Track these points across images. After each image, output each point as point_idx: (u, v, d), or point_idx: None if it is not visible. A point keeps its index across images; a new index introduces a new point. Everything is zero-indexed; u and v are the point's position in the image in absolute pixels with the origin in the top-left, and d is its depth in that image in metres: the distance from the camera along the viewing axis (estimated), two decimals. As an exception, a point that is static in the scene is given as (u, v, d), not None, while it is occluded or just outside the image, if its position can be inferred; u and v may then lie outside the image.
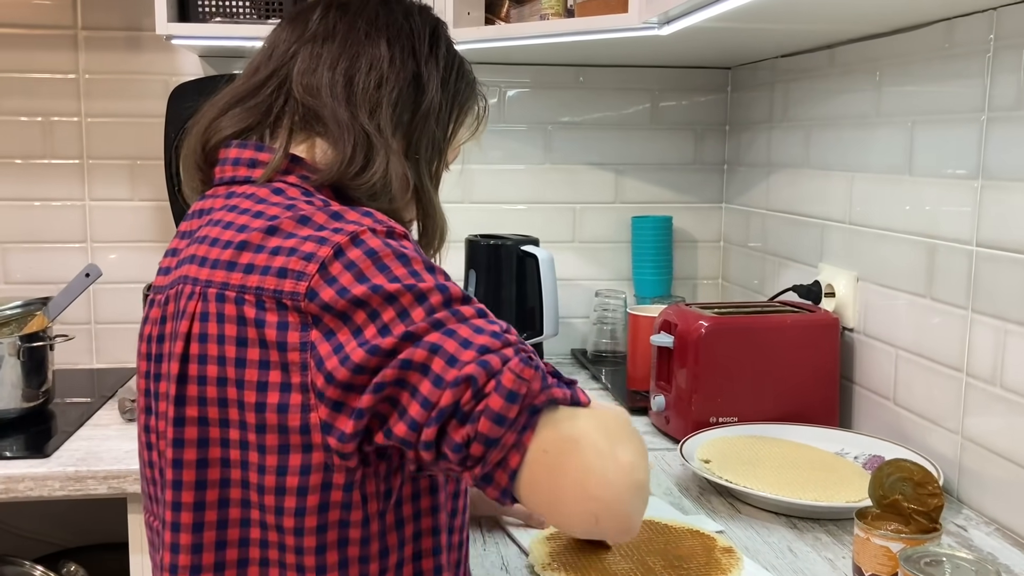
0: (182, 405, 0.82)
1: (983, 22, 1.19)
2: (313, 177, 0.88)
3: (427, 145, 0.94)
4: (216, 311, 0.80)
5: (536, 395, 0.71)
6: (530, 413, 0.70)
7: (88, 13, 1.88)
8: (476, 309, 0.76)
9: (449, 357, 0.71)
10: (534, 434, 0.70)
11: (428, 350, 0.72)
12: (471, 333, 0.73)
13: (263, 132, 0.91)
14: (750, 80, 1.97)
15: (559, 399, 0.72)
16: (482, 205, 2.04)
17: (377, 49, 0.92)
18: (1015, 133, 1.14)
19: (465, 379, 0.70)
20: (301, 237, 0.79)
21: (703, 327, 1.42)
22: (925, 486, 0.98)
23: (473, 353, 0.71)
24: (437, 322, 0.73)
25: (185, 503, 0.82)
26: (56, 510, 1.89)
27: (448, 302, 0.75)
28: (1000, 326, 1.16)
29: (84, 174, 1.93)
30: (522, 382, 0.70)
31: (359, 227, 0.79)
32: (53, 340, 1.60)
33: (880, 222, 1.44)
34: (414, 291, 0.75)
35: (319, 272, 0.76)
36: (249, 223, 0.82)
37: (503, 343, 0.72)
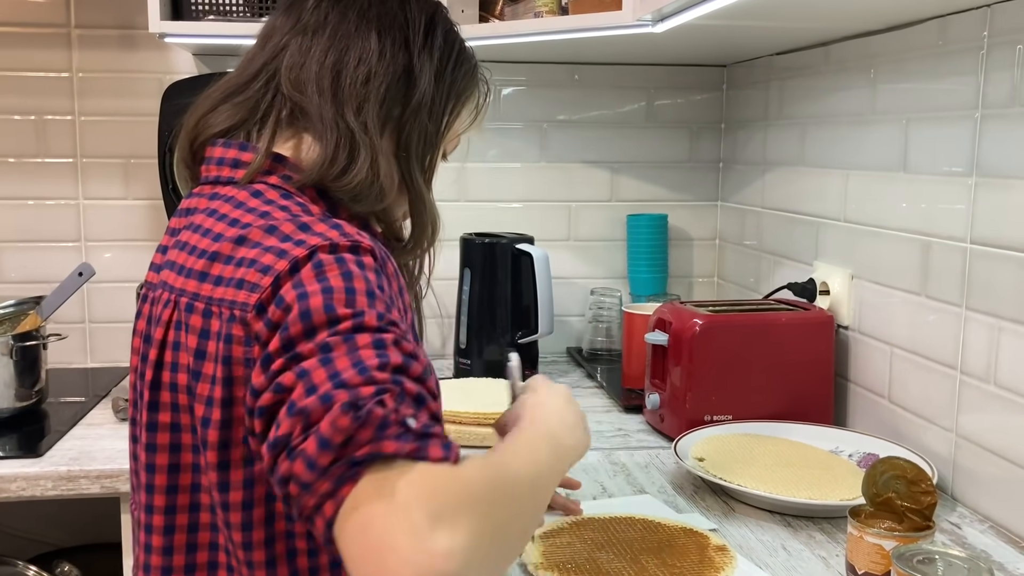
0: (155, 411, 0.83)
1: (977, 19, 1.19)
2: (295, 177, 0.87)
3: (419, 139, 0.92)
4: (185, 321, 0.81)
5: (360, 446, 0.62)
6: (350, 464, 0.62)
7: (81, 11, 1.88)
8: (375, 339, 0.69)
9: (310, 386, 0.66)
10: (353, 486, 0.62)
11: (297, 375, 0.67)
12: (346, 364, 0.67)
13: (250, 129, 0.90)
14: (745, 78, 1.96)
15: (389, 453, 0.63)
16: (477, 203, 2.04)
17: (367, 42, 0.90)
18: (1009, 130, 1.14)
19: (300, 411, 0.65)
20: (264, 248, 0.78)
21: (697, 325, 1.42)
22: (918, 484, 0.98)
23: (328, 385, 0.65)
24: (325, 346, 0.69)
25: (156, 506, 0.83)
26: (49, 510, 1.89)
27: (354, 329, 0.70)
28: (994, 323, 1.16)
29: (78, 173, 1.92)
30: (337, 431, 0.63)
31: (322, 241, 0.76)
32: (46, 339, 1.59)
33: (875, 220, 1.44)
34: (330, 314, 0.71)
35: (272, 286, 0.74)
36: (224, 231, 0.82)
37: (365, 380, 0.66)
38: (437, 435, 0.66)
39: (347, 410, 0.63)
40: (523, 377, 1.02)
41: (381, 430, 0.63)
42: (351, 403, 0.63)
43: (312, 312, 0.71)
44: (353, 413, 0.63)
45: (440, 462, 0.64)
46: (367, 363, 0.67)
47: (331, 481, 0.62)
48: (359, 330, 0.70)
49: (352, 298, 0.72)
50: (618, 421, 1.59)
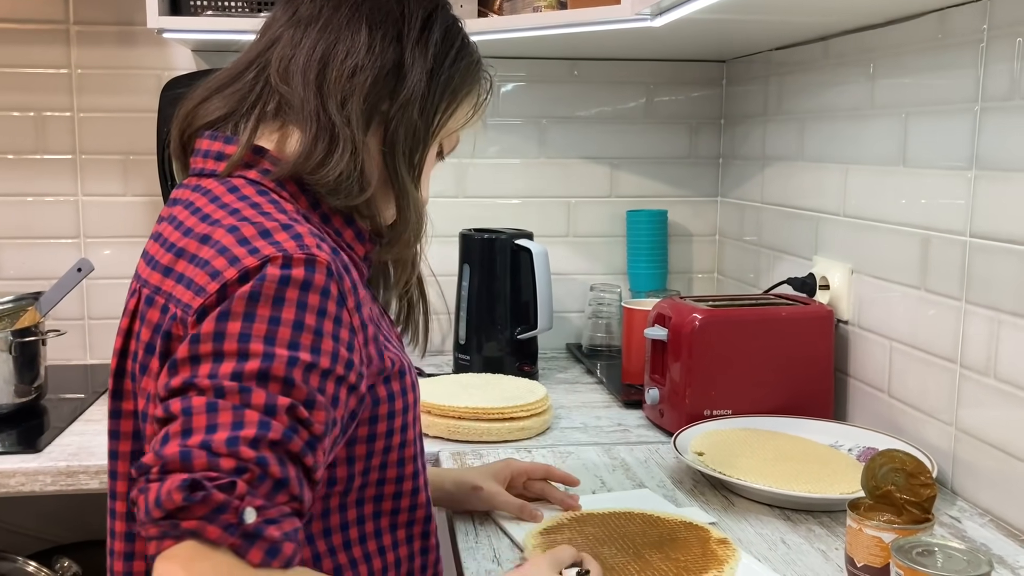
0: (118, 399, 0.85)
1: (976, 12, 1.19)
2: (274, 171, 0.86)
3: (406, 135, 0.90)
4: (143, 313, 0.82)
5: (190, 518, 0.64)
6: (173, 527, 0.65)
7: (80, 8, 1.87)
8: (268, 401, 0.69)
9: (187, 429, 0.68)
10: (174, 544, 0.65)
11: (181, 410, 0.69)
12: (226, 422, 0.68)
13: (238, 121, 0.90)
14: (744, 73, 1.96)
15: (211, 539, 0.64)
16: (476, 199, 2.03)
17: (357, 35, 0.89)
18: (1008, 123, 1.14)
19: (162, 455, 0.66)
20: (219, 250, 0.77)
21: (696, 320, 1.42)
22: (917, 476, 0.98)
23: (198, 440, 0.67)
24: (219, 389, 0.69)
25: (119, 492, 0.86)
26: (49, 506, 1.89)
27: (259, 376, 0.70)
28: (994, 317, 1.16)
29: (77, 169, 1.92)
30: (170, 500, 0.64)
31: (275, 252, 0.75)
32: (45, 335, 1.59)
33: (874, 214, 1.44)
34: (241, 346, 0.71)
35: (217, 292, 0.74)
36: (194, 226, 0.82)
37: (229, 452, 0.66)
38: (269, 538, 0.66)
39: (182, 489, 0.64)
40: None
41: (215, 513, 0.64)
42: (192, 483, 0.64)
43: (225, 336, 0.71)
44: (187, 494, 0.64)
45: (256, 567, 0.65)
46: (244, 432, 0.67)
47: (159, 529, 0.65)
48: (260, 379, 0.70)
49: (273, 332, 0.72)
50: (618, 416, 1.58)
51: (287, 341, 0.72)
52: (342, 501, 0.87)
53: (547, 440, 1.46)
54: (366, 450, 0.87)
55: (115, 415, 0.85)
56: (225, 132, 0.90)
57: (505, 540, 1.09)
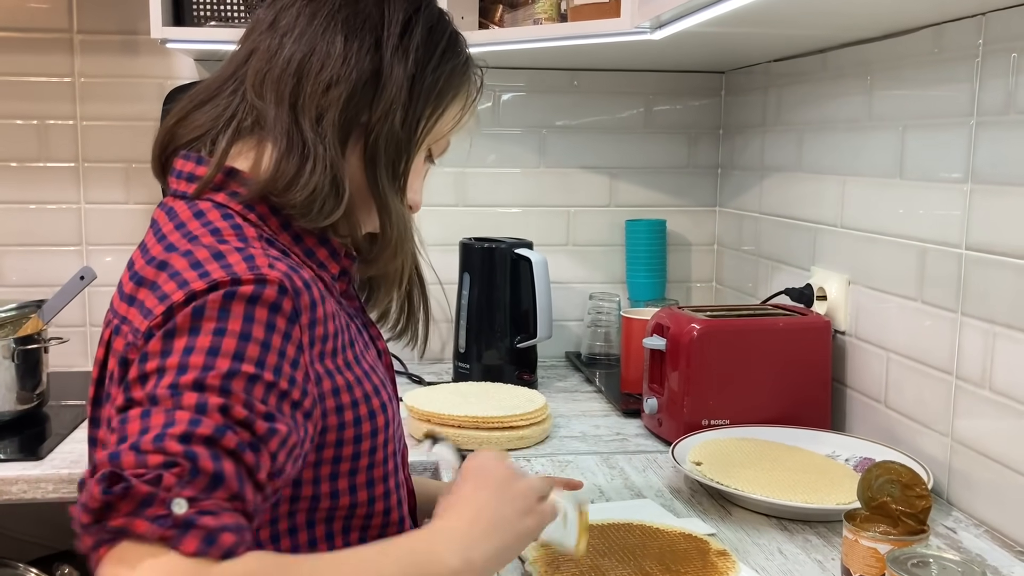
0: (96, 427, 0.85)
1: (972, 27, 1.20)
2: (242, 192, 0.84)
3: (387, 145, 0.87)
4: (111, 342, 0.81)
5: (117, 517, 0.62)
6: (103, 530, 0.62)
7: (83, 17, 1.89)
8: (200, 401, 0.67)
9: (122, 436, 0.67)
10: (109, 549, 0.62)
11: (120, 420, 0.68)
12: (158, 423, 0.66)
13: (215, 137, 0.88)
14: (743, 84, 1.97)
15: (139, 534, 0.62)
16: (476, 208, 2.04)
17: (332, 45, 0.85)
18: (1003, 137, 1.15)
19: (95, 462, 0.66)
20: (170, 274, 0.76)
21: (695, 330, 1.43)
22: (913, 488, 0.98)
23: (128, 443, 0.66)
24: (153, 398, 0.68)
25: None
26: (49, 512, 1.88)
27: (195, 385, 0.68)
28: (989, 329, 1.17)
29: (79, 177, 1.93)
30: (92, 499, 0.62)
31: (224, 276, 0.74)
32: (47, 343, 1.60)
33: (871, 225, 1.45)
34: (182, 360, 0.70)
35: (163, 315, 0.73)
36: (157, 255, 0.81)
37: (156, 448, 0.64)
38: (204, 527, 0.62)
39: (100, 482, 0.62)
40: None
41: (141, 507, 0.62)
42: (110, 475, 0.63)
43: (169, 354, 0.70)
44: (104, 486, 0.62)
45: (193, 556, 0.62)
46: (172, 429, 0.66)
47: (92, 537, 0.63)
48: (197, 387, 0.69)
49: (217, 343, 0.70)
50: (616, 425, 1.59)
51: (231, 352, 0.70)
52: (309, 518, 0.84)
53: (546, 449, 1.46)
54: (330, 471, 0.84)
55: (92, 443, 0.86)
56: (199, 151, 0.88)
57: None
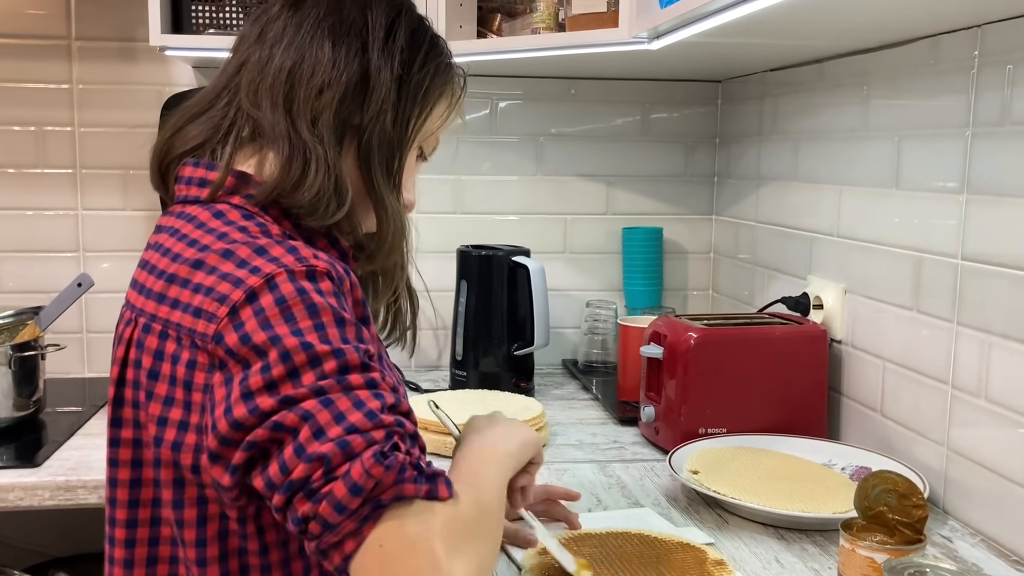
0: (117, 427, 0.85)
1: (968, 39, 1.21)
2: (255, 195, 0.87)
3: (380, 144, 0.90)
4: (142, 340, 0.82)
5: (385, 489, 0.69)
6: (374, 506, 0.69)
7: (82, 24, 1.89)
8: (367, 379, 0.74)
9: (317, 429, 0.70)
10: (375, 525, 0.69)
11: (300, 416, 0.71)
12: (348, 407, 0.72)
13: (214, 147, 0.90)
14: (740, 93, 1.98)
15: (409, 496, 0.70)
16: (474, 215, 2.05)
17: (321, 52, 0.88)
18: (999, 148, 1.15)
19: (319, 457, 0.69)
20: (220, 275, 0.78)
21: (692, 338, 1.43)
22: (910, 497, 0.99)
23: (339, 430, 0.70)
24: (319, 389, 0.72)
25: (119, 519, 0.85)
26: (46, 519, 1.89)
27: (342, 368, 0.74)
28: (985, 339, 1.18)
29: (77, 183, 1.93)
30: (370, 478, 0.68)
31: (276, 268, 0.77)
32: (44, 349, 1.60)
33: (868, 235, 1.45)
34: (310, 352, 0.73)
35: (228, 316, 0.76)
36: (182, 251, 0.83)
37: (375, 424, 0.71)
38: (440, 474, 0.73)
39: (379, 460, 0.69)
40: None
41: (401, 473, 0.70)
42: (380, 454, 0.69)
43: (291, 352, 0.73)
44: (385, 463, 0.69)
45: (447, 498, 0.72)
46: (369, 405, 0.72)
47: (356, 521, 0.69)
48: (346, 370, 0.74)
49: (325, 334, 0.75)
50: (613, 433, 1.60)
51: (340, 337, 0.76)
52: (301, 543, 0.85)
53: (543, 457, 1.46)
54: None
55: (114, 443, 0.86)
56: (206, 159, 0.90)
57: (503, 558, 1.10)
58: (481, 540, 0.74)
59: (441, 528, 0.70)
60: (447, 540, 0.70)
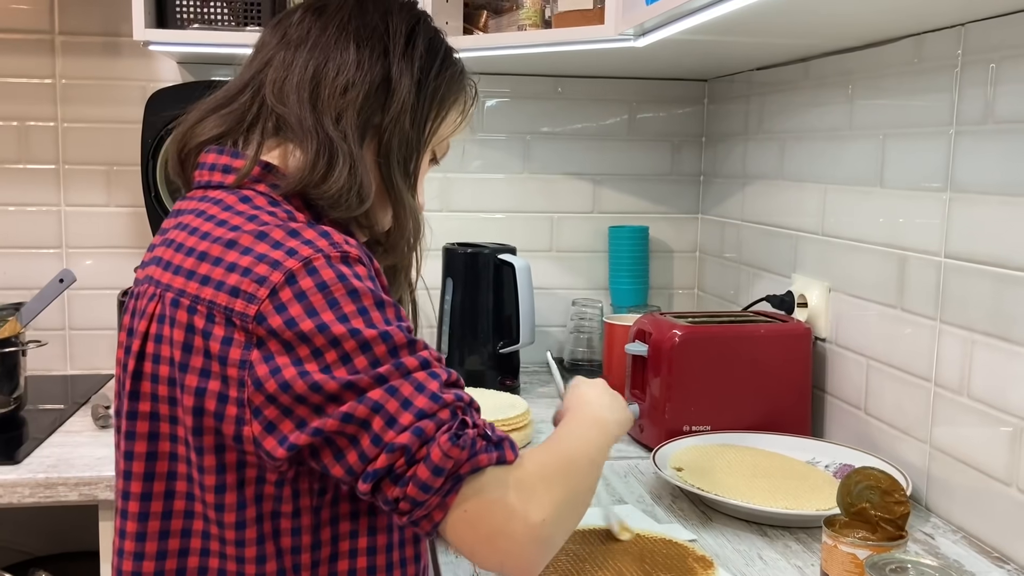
0: (135, 400, 0.86)
1: (951, 38, 1.22)
2: (281, 185, 0.89)
3: (399, 145, 0.94)
4: (170, 315, 0.84)
5: (462, 464, 0.76)
6: (455, 481, 0.76)
7: (65, 18, 1.88)
8: (420, 359, 0.79)
9: (389, 418, 0.76)
10: (457, 496, 0.76)
11: (370, 408, 0.76)
12: (412, 392, 0.77)
13: (237, 138, 0.93)
14: (726, 92, 1.99)
15: (484, 466, 0.77)
16: (460, 213, 2.05)
17: (346, 53, 0.92)
18: (982, 147, 1.16)
19: (400, 447, 0.75)
20: (256, 256, 0.81)
21: (676, 336, 1.43)
22: (892, 494, 0.99)
23: (411, 417, 0.76)
24: (380, 377, 0.77)
25: (133, 493, 0.86)
26: (25, 517, 1.87)
27: (392, 351, 0.78)
28: (967, 336, 1.18)
29: (60, 179, 1.92)
30: (448, 459, 0.75)
31: (313, 252, 0.80)
32: (26, 346, 1.58)
33: (852, 233, 1.46)
34: (358, 338, 0.77)
35: (269, 297, 0.78)
36: (212, 231, 0.85)
37: (440, 405, 0.77)
38: (505, 438, 0.80)
39: (455, 442, 0.75)
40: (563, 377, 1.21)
41: (474, 447, 0.77)
42: (455, 434, 0.76)
43: (340, 339, 0.77)
44: (460, 443, 0.76)
45: (513, 461, 0.80)
46: (429, 387, 0.78)
47: (440, 495, 0.76)
48: (396, 352, 0.79)
49: (369, 318, 0.79)
50: (598, 431, 1.59)
51: (382, 319, 0.80)
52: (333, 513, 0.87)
53: (528, 455, 1.46)
54: None
55: (131, 416, 0.86)
56: (229, 147, 0.93)
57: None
58: (560, 489, 0.81)
59: (514, 483, 0.78)
60: (522, 493, 0.78)
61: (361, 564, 0.88)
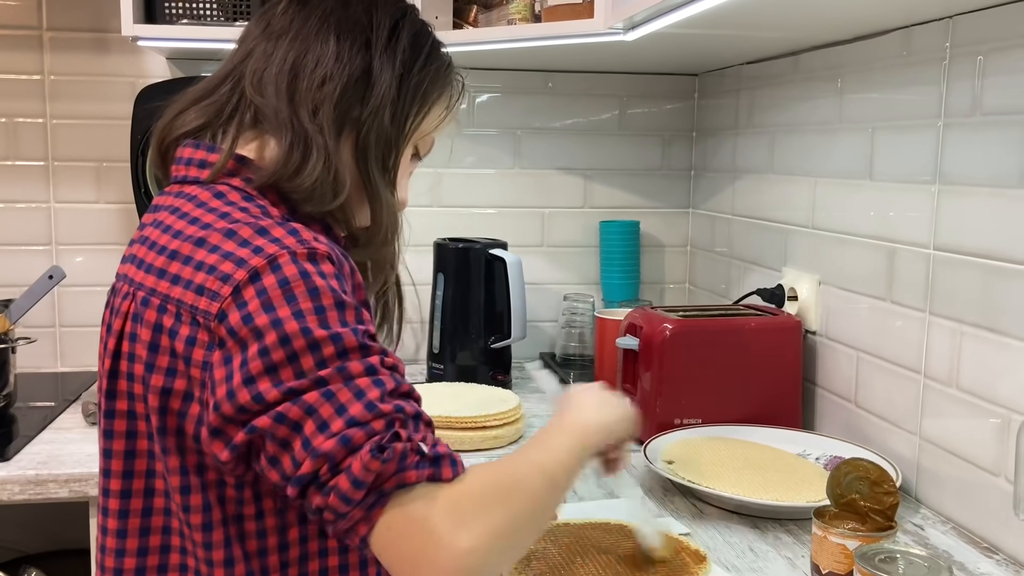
0: (113, 399, 0.86)
1: (939, 30, 1.22)
2: (255, 179, 0.89)
3: (377, 140, 0.93)
4: (140, 314, 0.84)
5: (387, 479, 0.72)
6: (379, 495, 0.72)
7: (53, 14, 1.87)
8: (366, 366, 0.76)
9: (321, 422, 0.73)
10: (383, 511, 0.72)
11: (304, 410, 0.73)
12: (349, 398, 0.74)
13: (215, 131, 0.92)
14: (716, 87, 1.99)
15: (412, 482, 0.73)
16: (451, 209, 2.04)
17: (326, 45, 0.91)
18: (970, 139, 1.16)
19: (323, 454, 0.72)
20: (223, 254, 0.80)
21: (667, 330, 1.44)
22: (881, 485, 1.00)
23: (341, 423, 0.73)
24: (320, 380, 0.74)
25: (113, 490, 0.87)
26: (16, 515, 1.87)
27: (341, 354, 0.76)
28: (956, 328, 1.19)
29: (49, 176, 1.91)
30: (368, 472, 0.71)
31: (279, 249, 0.79)
32: (15, 343, 1.58)
33: (841, 226, 1.46)
34: (308, 337, 0.75)
35: (232, 295, 0.77)
36: (184, 229, 0.84)
37: (374, 415, 0.73)
38: (444, 454, 0.75)
39: (376, 455, 0.71)
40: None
41: (402, 461, 0.72)
42: (378, 446, 0.72)
43: (291, 337, 0.75)
44: (381, 456, 0.71)
45: (452, 479, 0.74)
46: (369, 395, 0.74)
47: (363, 509, 0.72)
48: (344, 355, 0.76)
49: (324, 317, 0.76)
50: (590, 425, 1.59)
51: (339, 320, 0.77)
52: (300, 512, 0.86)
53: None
54: None
55: (109, 415, 0.86)
56: (206, 141, 0.92)
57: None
58: (497, 513, 0.74)
59: (445, 505, 0.73)
60: (452, 515, 0.72)
61: (333, 563, 0.87)
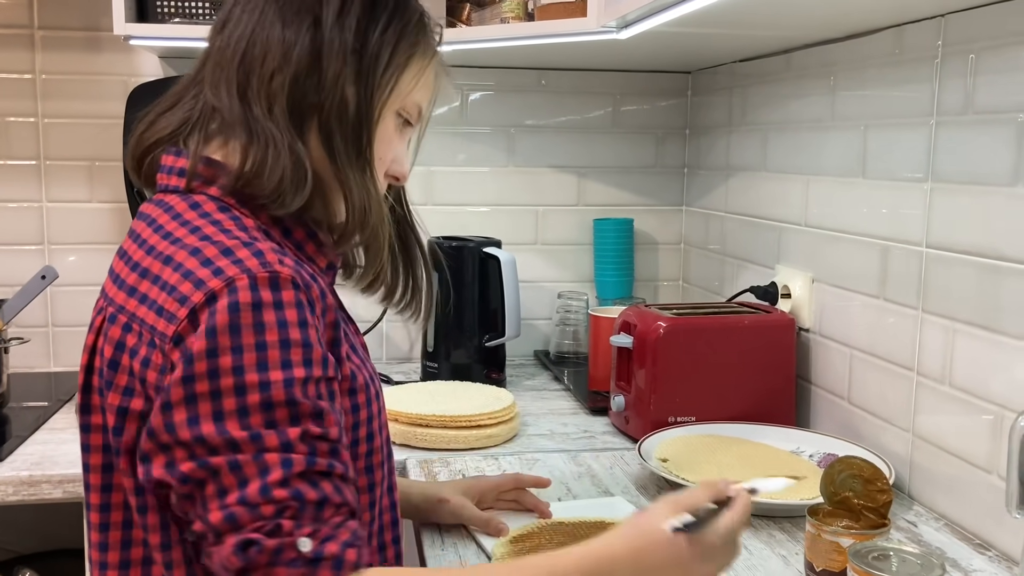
0: (87, 413, 0.85)
1: (931, 29, 1.22)
2: (226, 186, 0.86)
3: (342, 124, 0.87)
4: (107, 330, 0.82)
5: (256, 570, 0.70)
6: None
7: (45, 12, 1.86)
8: (282, 440, 0.73)
9: (220, 489, 0.72)
10: None
11: (208, 473, 0.72)
12: (253, 473, 0.72)
13: (185, 138, 0.90)
14: (709, 84, 1.99)
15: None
16: (445, 207, 2.04)
17: (271, 34, 0.86)
18: (962, 137, 1.17)
19: (210, 525, 0.72)
20: (183, 272, 0.78)
21: (661, 328, 1.44)
22: (874, 482, 1.00)
23: (235, 498, 0.71)
24: (232, 443, 0.72)
25: (93, 504, 0.86)
26: (10, 516, 1.86)
27: (264, 405, 0.73)
28: (949, 325, 1.19)
29: (41, 175, 1.91)
30: (230, 566, 0.70)
31: (240, 272, 0.76)
32: (8, 343, 1.58)
33: (835, 224, 1.47)
34: (237, 380, 0.73)
35: (188, 318, 0.75)
36: (156, 244, 0.83)
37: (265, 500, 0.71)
38: (329, 556, 0.71)
39: (237, 552, 0.70)
40: None
41: (276, 555, 0.70)
42: (243, 543, 0.70)
43: (220, 373, 0.73)
44: (243, 554, 0.70)
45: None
46: (270, 476, 0.72)
47: None
48: (268, 409, 0.73)
49: (264, 356, 0.74)
50: (584, 423, 1.60)
51: (279, 362, 0.74)
52: None
53: (514, 447, 1.47)
54: None
55: (85, 429, 0.86)
56: (186, 149, 0.90)
57: (472, 547, 1.10)
58: None
59: None
60: None
61: None
